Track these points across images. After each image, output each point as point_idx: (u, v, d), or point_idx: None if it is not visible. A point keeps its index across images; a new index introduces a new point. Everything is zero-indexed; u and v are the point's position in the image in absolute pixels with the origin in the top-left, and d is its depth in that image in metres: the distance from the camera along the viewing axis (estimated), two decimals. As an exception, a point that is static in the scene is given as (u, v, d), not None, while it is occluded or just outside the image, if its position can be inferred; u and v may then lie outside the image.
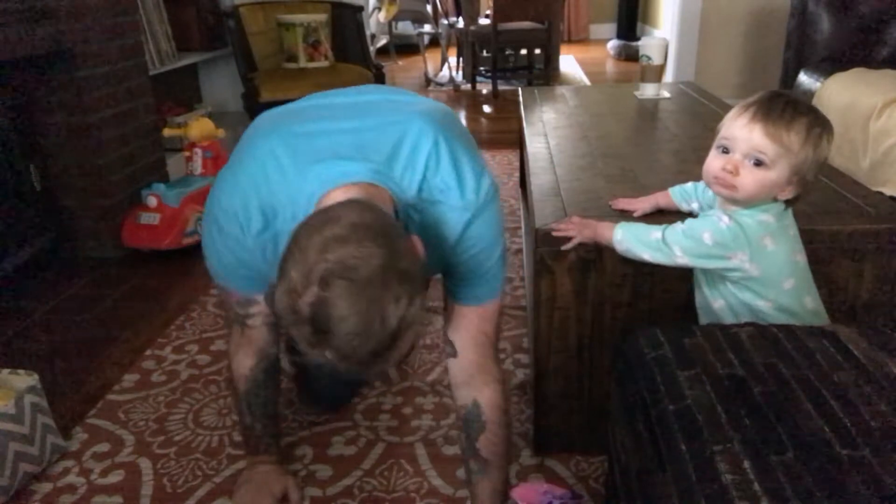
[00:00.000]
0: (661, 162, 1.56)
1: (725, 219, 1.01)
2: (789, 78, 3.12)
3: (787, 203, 1.03)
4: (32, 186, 2.17)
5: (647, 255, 1.05)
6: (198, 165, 2.51)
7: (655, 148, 1.70)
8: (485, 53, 5.21)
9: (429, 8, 5.34)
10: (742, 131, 0.98)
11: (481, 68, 5.11)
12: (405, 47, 6.40)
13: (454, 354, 1.09)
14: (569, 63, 6.00)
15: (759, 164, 0.97)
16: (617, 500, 0.93)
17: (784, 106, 0.98)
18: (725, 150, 1.01)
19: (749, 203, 1.01)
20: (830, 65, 2.87)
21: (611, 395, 1.00)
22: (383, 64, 4.07)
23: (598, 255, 1.17)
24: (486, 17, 5.04)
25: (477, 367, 1.08)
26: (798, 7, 3.07)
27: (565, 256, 1.18)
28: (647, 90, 2.22)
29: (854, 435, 0.69)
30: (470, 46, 4.96)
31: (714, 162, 1.02)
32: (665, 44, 2.20)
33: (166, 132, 2.58)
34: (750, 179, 0.98)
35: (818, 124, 0.98)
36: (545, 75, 4.93)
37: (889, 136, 2.28)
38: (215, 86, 3.69)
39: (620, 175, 1.45)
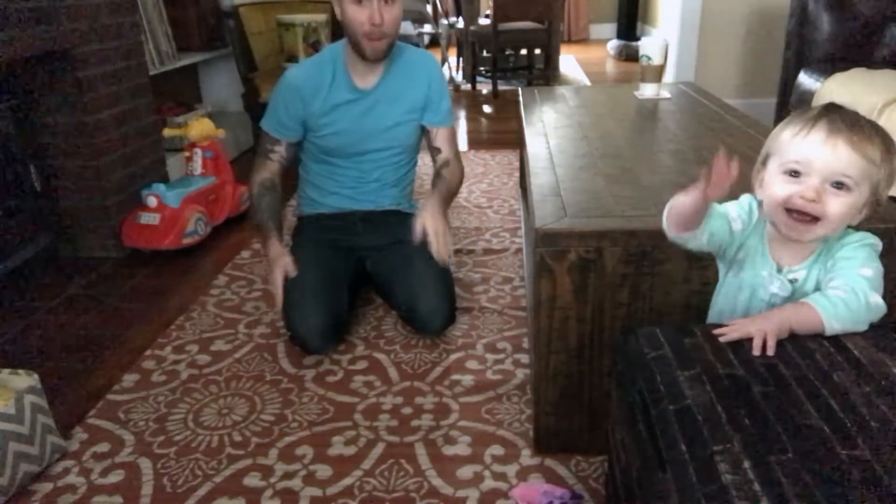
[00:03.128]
0: (661, 162, 1.56)
1: (874, 239, 0.90)
2: (789, 78, 3.11)
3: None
4: (32, 186, 2.17)
5: (866, 325, 0.88)
6: (198, 165, 2.51)
7: (655, 148, 1.70)
8: (485, 53, 5.21)
9: (429, 8, 5.34)
10: (820, 150, 0.83)
11: (481, 68, 5.11)
12: (405, 47, 6.40)
13: (440, 152, 1.90)
14: (569, 63, 6.01)
15: (840, 186, 0.84)
16: (617, 500, 0.93)
17: (855, 117, 0.85)
18: (795, 174, 0.85)
19: (830, 236, 0.88)
20: (830, 65, 2.87)
21: (611, 395, 1.00)
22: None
23: (599, 255, 1.17)
24: (486, 17, 5.04)
25: (451, 155, 1.91)
26: (798, 7, 3.07)
27: (565, 256, 1.18)
28: (647, 90, 2.22)
29: (854, 435, 0.69)
30: (470, 46, 4.96)
31: (783, 188, 0.86)
32: (665, 44, 2.20)
33: (166, 132, 2.58)
34: (837, 207, 0.84)
35: (888, 136, 0.86)
36: (545, 75, 4.93)
37: (889, 136, 2.28)
38: (215, 86, 3.69)
39: (620, 175, 1.45)
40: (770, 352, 0.83)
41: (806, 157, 0.84)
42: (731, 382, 0.78)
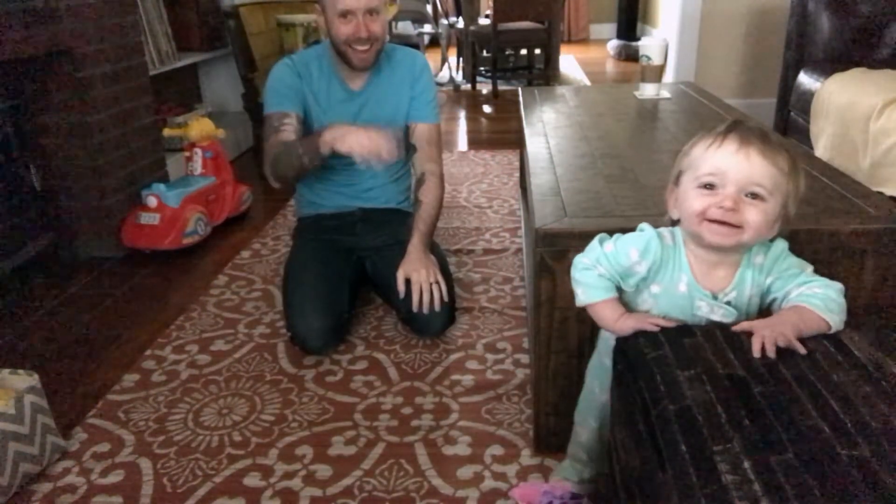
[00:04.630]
0: (661, 162, 1.56)
1: (786, 243, 0.94)
2: (789, 78, 3.11)
3: None
4: (32, 186, 2.17)
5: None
6: (198, 165, 2.51)
7: (655, 148, 1.70)
8: (485, 53, 5.21)
9: (429, 8, 5.34)
10: (734, 160, 0.84)
11: (481, 68, 5.11)
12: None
13: (415, 151, 1.85)
14: (569, 63, 6.00)
15: (755, 196, 0.85)
16: (617, 500, 0.93)
17: (761, 129, 0.87)
18: (710, 186, 0.86)
19: (748, 246, 0.89)
20: (830, 65, 2.87)
21: (611, 395, 1.00)
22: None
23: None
24: (486, 17, 5.04)
25: (427, 157, 1.85)
26: (798, 7, 3.07)
27: (565, 256, 1.17)
28: (647, 90, 2.22)
29: (854, 435, 0.69)
30: (470, 46, 4.96)
31: (699, 201, 0.86)
32: (665, 44, 2.20)
33: (166, 132, 2.58)
34: (755, 215, 0.84)
35: (793, 151, 0.88)
36: (545, 75, 4.93)
37: (889, 136, 2.28)
38: (215, 86, 3.69)
39: (620, 175, 1.45)
40: (771, 354, 0.82)
41: (720, 167, 0.85)
42: (731, 382, 0.78)
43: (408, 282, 1.68)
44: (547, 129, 1.87)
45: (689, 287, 0.92)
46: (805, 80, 2.95)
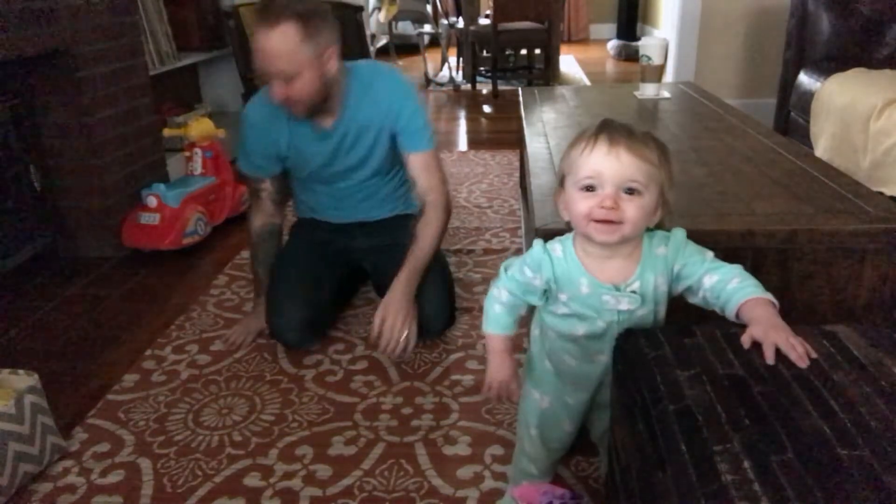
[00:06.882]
0: (661, 162, 1.56)
1: (683, 231, 0.98)
2: (789, 78, 3.11)
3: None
4: (32, 186, 2.17)
5: None
6: (198, 165, 2.51)
7: (655, 148, 1.69)
8: (485, 53, 5.21)
9: (429, 8, 5.34)
10: (607, 161, 0.89)
11: (481, 68, 5.11)
12: (405, 47, 6.40)
13: (415, 183, 1.72)
14: (569, 63, 6.01)
15: (631, 192, 0.90)
16: (617, 500, 0.93)
17: (627, 128, 0.92)
18: (590, 188, 0.91)
19: (631, 238, 0.93)
20: (830, 65, 2.87)
21: (611, 395, 1.00)
22: (383, 64, 4.07)
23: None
24: (486, 17, 5.04)
25: (427, 188, 1.71)
26: (798, 7, 3.07)
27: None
28: (647, 90, 2.22)
29: (854, 435, 0.69)
30: (470, 46, 4.96)
31: (583, 204, 0.91)
32: (665, 44, 2.20)
33: (166, 132, 2.58)
34: (633, 210, 0.90)
35: (660, 141, 0.94)
36: (545, 75, 4.93)
37: (889, 136, 2.28)
38: (215, 86, 3.69)
39: (620, 175, 1.44)
40: (802, 363, 0.81)
41: (596, 170, 0.90)
42: (731, 382, 0.78)
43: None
44: (547, 129, 1.87)
45: (591, 286, 0.96)
46: (805, 80, 2.95)
